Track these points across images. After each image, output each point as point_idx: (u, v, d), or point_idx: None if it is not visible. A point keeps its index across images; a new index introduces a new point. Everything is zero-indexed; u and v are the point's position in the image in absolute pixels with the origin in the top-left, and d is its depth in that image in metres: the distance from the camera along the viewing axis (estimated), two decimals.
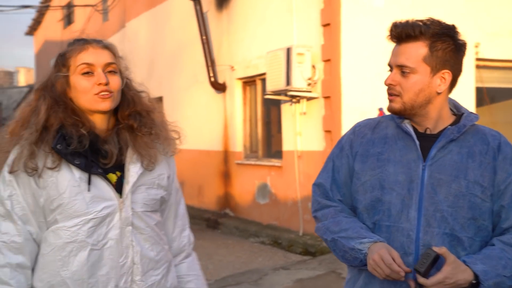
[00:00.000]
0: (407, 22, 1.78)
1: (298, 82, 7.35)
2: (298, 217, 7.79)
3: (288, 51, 7.35)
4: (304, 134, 7.81)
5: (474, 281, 1.67)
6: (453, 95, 2.42)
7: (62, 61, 1.79)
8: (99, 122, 1.79)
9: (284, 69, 7.40)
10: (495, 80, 8.15)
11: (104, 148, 1.75)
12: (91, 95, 1.73)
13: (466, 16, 7.52)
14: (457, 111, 1.91)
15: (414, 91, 1.77)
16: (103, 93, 1.73)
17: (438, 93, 1.81)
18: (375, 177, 1.85)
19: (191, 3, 9.50)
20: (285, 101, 8.03)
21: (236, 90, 9.43)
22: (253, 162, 9.05)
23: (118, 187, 1.76)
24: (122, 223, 1.73)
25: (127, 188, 1.75)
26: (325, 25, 7.37)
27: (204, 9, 9.62)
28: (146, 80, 11.20)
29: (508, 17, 7.81)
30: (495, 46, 7.73)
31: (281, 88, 7.49)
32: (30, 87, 28.75)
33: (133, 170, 1.77)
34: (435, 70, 1.77)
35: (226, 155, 9.70)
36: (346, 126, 7.14)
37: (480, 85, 7.84)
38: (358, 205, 1.90)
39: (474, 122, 1.85)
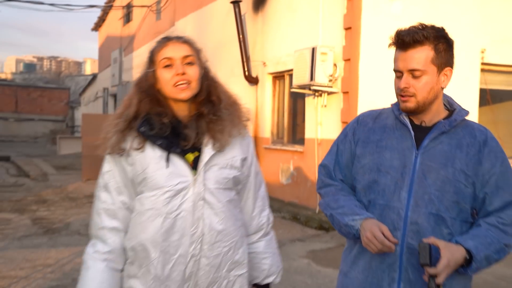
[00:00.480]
0: (410, 29, 1.73)
1: (321, 78, 7.25)
2: (316, 197, 7.72)
3: (313, 50, 7.25)
4: (324, 124, 7.72)
5: (467, 257, 1.67)
6: (459, 95, 2.36)
7: (151, 57, 1.80)
8: (181, 109, 1.79)
9: (309, 66, 7.30)
10: (498, 83, 7.89)
11: (184, 132, 1.76)
12: (171, 85, 1.74)
13: (475, 23, 7.29)
14: (450, 107, 1.87)
15: (426, 90, 1.74)
16: (180, 84, 1.73)
17: (442, 88, 1.80)
18: (373, 161, 1.84)
19: (231, 6, 9.44)
20: (309, 95, 7.94)
21: (267, 83, 9.37)
22: (278, 147, 9.00)
23: (195, 166, 1.75)
24: (194, 197, 1.73)
25: (200, 166, 1.75)
26: (347, 29, 7.24)
27: (242, 11, 9.56)
28: None
29: (509, 25, 7.53)
30: (499, 52, 7.48)
31: (306, 83, 7.40)
32: (94, 75, 29.21)
33: (206, 152, 1.76)
34: (440, 68, 1.74)
35: (255, 140, 9.65)
36: None
37: (484, 87, 7.60)
38: (357, 184, 1.90)
39: (465, 117, 1.83)
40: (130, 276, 1.79)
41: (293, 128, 9.08)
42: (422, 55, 1.70)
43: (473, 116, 7.25)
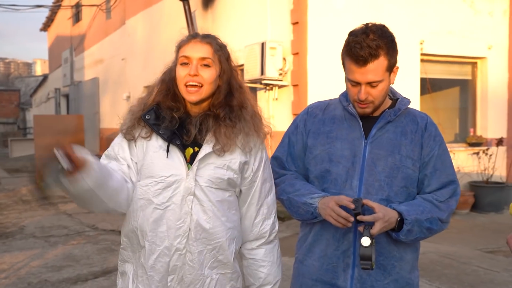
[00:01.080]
0: (364, 43, 1.68)
1: (271, 72, 7.27)
2: None
3: (263, 45, 7.24)
4: (276, 117, 7.74)
5: (399, 219, 1.71)
6: (402, 85, 2.40)
7: (176, 51, 1.77)
8: (193, 107, 1.76)
9: (259, 60, 7.30)
10: (436, 72, 8.14)
11: (188, 127, 1.73)
12: (182, 84, 1.71)
13: (413, 16, 7.47)
14: (393, 96, 1.90)
15: (382, 94, 1.77)
16: (190, 85, 1.69)
17: (391, 84, 1.82)
18: (324, 151, 1.85)
19: (181, 4, 9.30)
20: (260, 89, 7.93)
21: None
22: None
23: (192, 161, 1.72)
24: (184, 191, 1.69)
25: (195, 162, 1.71)
26: (294, 23, 7.27)
27: (192, 8, 9.43)
28: (143, 69, 11.13)
29: (449, 18, 7.78)
30: (437, 43, 7.71)
31: (257, 77, 7.40)
32: (45, 76, 28.24)
33: (204, 148, 1.71)
34: (391, 70, 1.76)
35: None
36: None
37: (424, 76, 7.83)
38: (310, 174, 1.91)
39: (407, 105, 1.87)
40: (124, 260, 1.82)
41: None
42: (378, 67, 1.69)
43: (415, 104, 7.45)
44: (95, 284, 4.47)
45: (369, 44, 1.67)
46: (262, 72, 7.25)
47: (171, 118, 1.71)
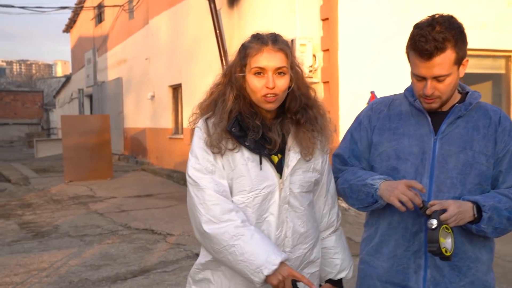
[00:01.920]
0: (430, 36, 1.60)
1: None
2: None
3: (292, 42, 7.18)
4: None
5: (475, 214, 1.63)
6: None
7: (243, 55, 1.67)
8: (267, 113, 1.72)
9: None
10: (469, 66, 7.91)
11: (269, 135, 1.68)
12: (259, 95, 1.65)
13: (445, 10, 7.32)
14: (462, 90, 1.83)
15: (450, 89, 1.69)
16: (269, 96, 1.64)
17: (460, 78, 1.74)
18: (391, 148, 1.79)
19: (206, 2, 9.28)
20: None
21: None
22: None
23: (278, 169, 1.69)
24: (280, 201, 1.67)
25: (286, 171, 1.68)
26: (324, 20, 7.20)
27: (218, 7, 9.41)
28: (167, 69, 11.17)
29: (481, 10, 7.61)
30: (469, 36, 7.51)
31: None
32: (68, 77, 28.57)
33: (292, 156, 1.69)
34: (460, 63, 1.68)
35: None
36: (342, 106, 7.01)
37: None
38: (375, 172, 1.84)
39: (479, 100, 1.79)
40: (208, 268, 1.73)
41: None
42: (445, 60, 1.61)
43: None
44: (135, 283, 4.48)
45: (435, 37, 1.60)
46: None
47: (254, 126, 1.66)
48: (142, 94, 14.99)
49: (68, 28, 25.02)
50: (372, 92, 7.00)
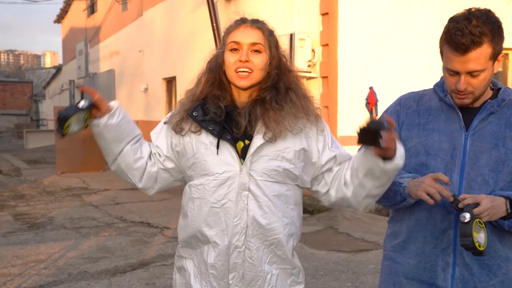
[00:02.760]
0: (466, 29, 1.56)
1: (300, 64, 7.17)
2: None
3: (291, 36, 7.15)
4: None
5: (509, 210, 1.59)
6: (429, 78, 2.32)
7: (224, 37, 1.70)
8: (241, 96, 1.69)
9: (287, 52, 7.20)
10: None
11: (237, 119, 1.66)
12: (232, 71, 1.64)
13: (445, 7, 7.34)
14: (494, 86, 1.79)
15: (484, 85, 1.65)
16: (241, 71, 1.63)
17: (495, 73, 1.70)
18: (420, 144, 1.75)
19: None
20: None
21: None
22: None
23: (244, 154, 1.65)
24: (239, 187, 1.63)
25: (248, 155, 1.63)
26: (324, 14, 7.17)
27: None
28: (161, 61, 11.06)
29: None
30: None
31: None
32: (59, 68, 28.27)
33: (256, 140, 1.63)
34: (495, 59, 1.64)
35: None
36: (341, 101, 7.00)
37: None
38: (403, 168, 1.78)
39: (511, 96, 1.75)
40: (182, 257, 1.79)
41: None
42: (481, 55, 1.57)
43: None
44: (135, 276, 4.44)
45: (472, 31, 1.56)
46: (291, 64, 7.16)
47: (216, 108, 1.65)
48: (135, 86, 14.87)
49: (60, 18, 24.72)
50: (371, 88, 7.01)
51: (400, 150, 1.57)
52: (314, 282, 4.25)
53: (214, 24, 9.16)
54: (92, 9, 19.60)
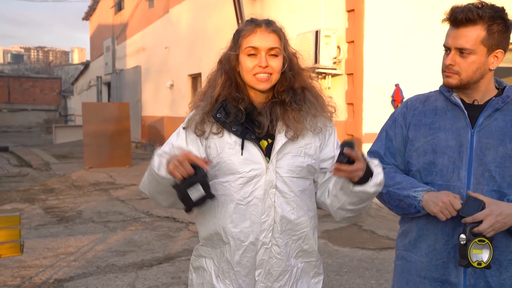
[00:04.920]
0: (465, 6, 1.66)
1: (325, 61, 7.16)
2: None
3: (317, 33, 7.14)
4: None
5: None
6: None
7: (237, 38, 1.71)
8: (258, 96, 1.74)
9: (312, 49, 7.20)
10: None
11: (258, 119, 1.70)
12: (251, 75, 1.67)
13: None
14: (499, 85, 1.83)
15: (472, 69, 1.69)
16: (261, 75, 1.67)
17: (490, 70, 1.73)
18: (427, 143, 1.79)
19: None
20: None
21: None
22: None
23: (269, 153, 1.69)
24: (266, 185, 1.66)
25: (273, 154, 1.68)
26: (350, 11, 7.15)
27: None
28: (187, 58, 11.14)
29: None
30: None
31: (310, 66, 7.25)
32: (86, 64, 28.77)
33: (279, 139, 1.68)
34: (490, 50, 1.68)
35: None
36: (366, 99, 6.97)
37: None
38: (411, 168, 1.85)
39: None
40: (201, 256, 1.80)
41: None
42: (472, 34, 1.64)
43: None
44: (161, 269, 4.53)
45: (470, 8, 1.64)
46: (316, 61, 7.16)
47: (237, 111, 1.69)
48: (161, 82, 15.05)
49: (88, 15, 25.16)
50: (397, 85, 6.95)
51: (376, 179, 1.61)
52: (338, 279, 4.26)
53: (240, 21, 9.20)
54: (119, 6, 19.88)
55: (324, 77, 7.51)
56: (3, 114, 32.43)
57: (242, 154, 1.67)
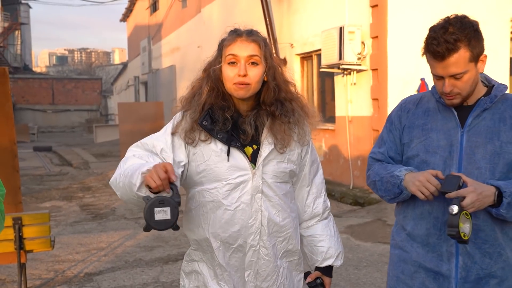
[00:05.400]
0: (442, 39, 1.67)
1: (349, 57, 7.19)
2: (349, 173, 7.72)
3: (341, 29, 7.18)
4: (354, 102, 7.67)
5: (497, 193, 1.68)
6: (490, 66, 2.34)
7: (220, 48, 1.76)
8: (241, 104, 1.77)
9: (337, 45, 7.24)
10: None
11: (243, 127, 1.75)
12: (231, 83, 1.71)
13: None
14: (488, 83, 1.88)
15: (469, 85, 1.75)
16: (239, 84, 1.70)
17: (480, 73, 1.80)
18: (420, 143, 1.86)
19: None
20: (338, 73, 7.88)
21: (294, 64, 9.33)
22: None
23: (254, 159, 1.75)
24: (253, 190, 1.73)
25: (259, 161, 1.73)
26: (373, 6, 7.14)
27: None
28: None
29: None
30: None
31: (334, 62, 7.35)
32: (125, 65, 29.49)
33: (266, 146, 1.74)
34: (476, 60, 1.73)
35: None
36: (391, 94, 6.95)
37: None
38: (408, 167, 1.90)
39: (504, 92, 1.83)
40: (194, 260, 1.84)
41: (323, 107, 9.04)
42: (460, 59, 1.68)
43: None
44: None
45: (446, 39, 1.66)
46: (340, 57, 7.19)
47: (224, 119, 1.72)
48: None
49: (125, 17, 25.78)
50: (422, 79, 6.90)
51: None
52: (356, 273, 4.34)
53: (267, 19, 9.30)
54: (154, 7, 20.31)
55: (349, 73, 7.53)
56: (48, 115, 33.73)
57: (228, 161, 1.71)
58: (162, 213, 1.43)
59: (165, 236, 5.67)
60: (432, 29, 1.71)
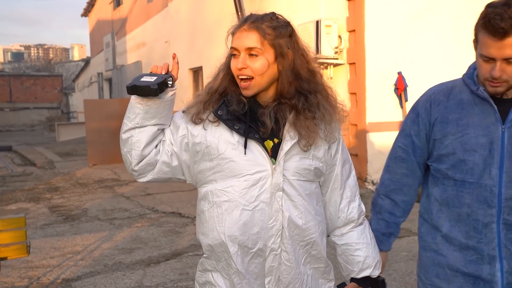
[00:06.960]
0: (503, 14, 1.53)
1: (327, 51, 7.11)
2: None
3: (317, 23, 7.08)
4: None
5: None
6: None
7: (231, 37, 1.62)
8: (260, 96, 1.60)
9: (313, 39, 7.14)
10: None
11: (262, 119, 1.57)
12: (236, 77, 1.59)
13: None
14: None
15: None
16: (242, 78, 1.56)
17: None
18: (456, 140, 1.71)
19: None
20: None
21: None
22: None
23: (274, 154, 1.58)
24: (273, 188, 1.56)
25: (280, 155, 1.57)
26: (350, 0, 7.07)
27: None
28: (187, 52, 11.12)
29: None
30: None
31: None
32: (87, 61, 28.72)
33: (287, 140, 1.57)
34: None
35: None
36: (369, 88, 6.92)
37: None
38: (440, 166, 1.77)
39: None
40: (207, 270, 1.67)
41: None
42: None
43: None
44: (168, 266, 4.53)
45: (511, 16, 1.52)
46: (318, 51, 7.10)
47: (238, 101, 1.57)
48: None
49: (87, 12, 25.05)
50: (400, 73, 6.91)
51: None
52: None
53: (239, 14, 9.14)
54: (118, 1, 19.79)
55: (326, 67, 7.45)
56: (6, 113, 32.47)
57: (245, 154, 1.56)
58: (148, 78, 1.55)
59: (144, 237, 5.45)
60: (492, 5, 1.56)
